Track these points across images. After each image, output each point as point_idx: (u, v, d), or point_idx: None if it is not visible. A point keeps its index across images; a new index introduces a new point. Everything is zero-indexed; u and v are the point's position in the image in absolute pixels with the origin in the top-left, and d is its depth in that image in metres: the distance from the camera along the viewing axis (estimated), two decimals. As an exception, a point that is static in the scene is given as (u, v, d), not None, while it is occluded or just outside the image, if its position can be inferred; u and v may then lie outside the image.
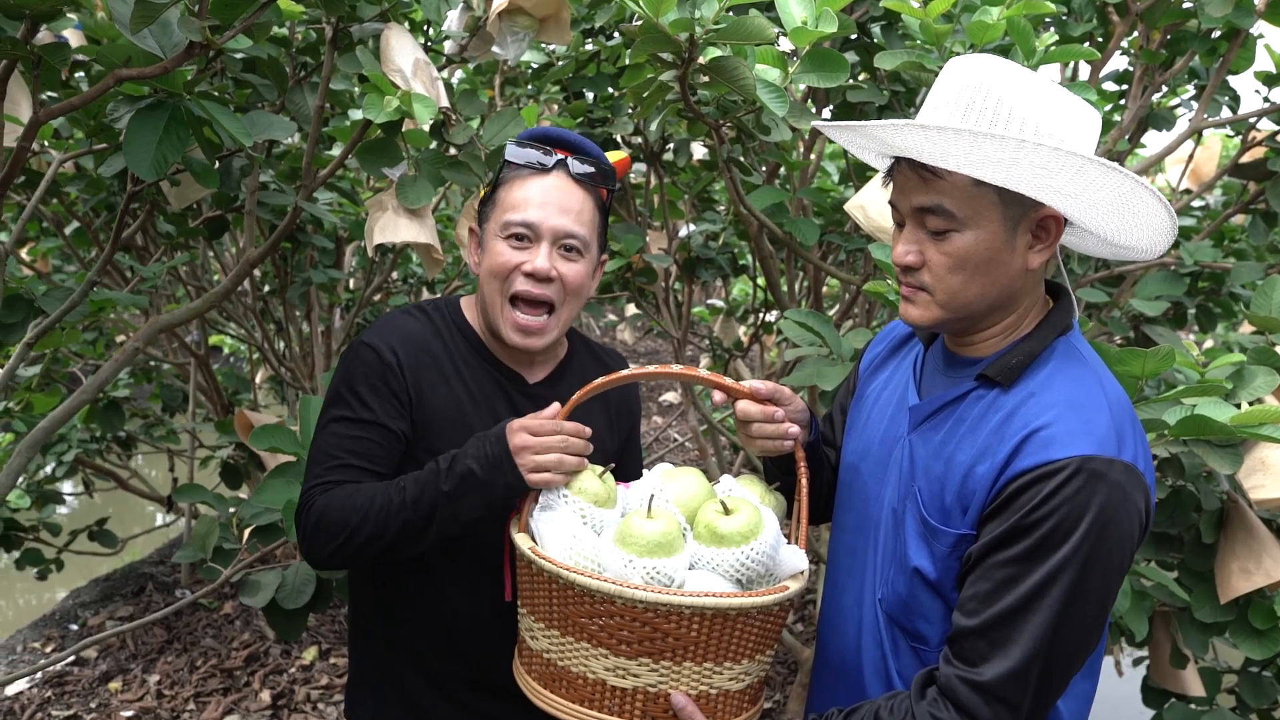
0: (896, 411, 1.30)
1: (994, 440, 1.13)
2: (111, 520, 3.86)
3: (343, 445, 1.39)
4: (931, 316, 1.19)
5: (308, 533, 1.36)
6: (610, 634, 1.16)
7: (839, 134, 1.24)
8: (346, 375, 1.42)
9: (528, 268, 1.39)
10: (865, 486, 1.32)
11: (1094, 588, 1.08)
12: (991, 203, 1.13)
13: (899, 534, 1.24)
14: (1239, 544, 2.09)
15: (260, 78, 2.13)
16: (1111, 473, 1.07)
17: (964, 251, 1.13)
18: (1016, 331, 1.21)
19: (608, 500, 1.30)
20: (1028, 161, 1.06)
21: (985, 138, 1.04)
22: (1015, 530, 1.08)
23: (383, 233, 1.94)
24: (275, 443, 1.67)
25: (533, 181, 1.41)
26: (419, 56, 1.93)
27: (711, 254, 3.57)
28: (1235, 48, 2.17)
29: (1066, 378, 1.15)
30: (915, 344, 1.37)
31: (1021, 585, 1.08)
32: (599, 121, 2.77)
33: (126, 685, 3.40)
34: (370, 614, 1.52)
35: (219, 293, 2.07)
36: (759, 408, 1.29)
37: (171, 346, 4.16)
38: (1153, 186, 1.09)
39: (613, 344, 9.41)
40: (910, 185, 1.16)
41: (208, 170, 1.71)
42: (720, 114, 1.88)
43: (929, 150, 1.10)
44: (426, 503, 1.30)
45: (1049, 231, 1.17)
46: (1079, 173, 1.08)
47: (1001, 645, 1.08)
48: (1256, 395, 1.80)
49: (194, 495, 2.05)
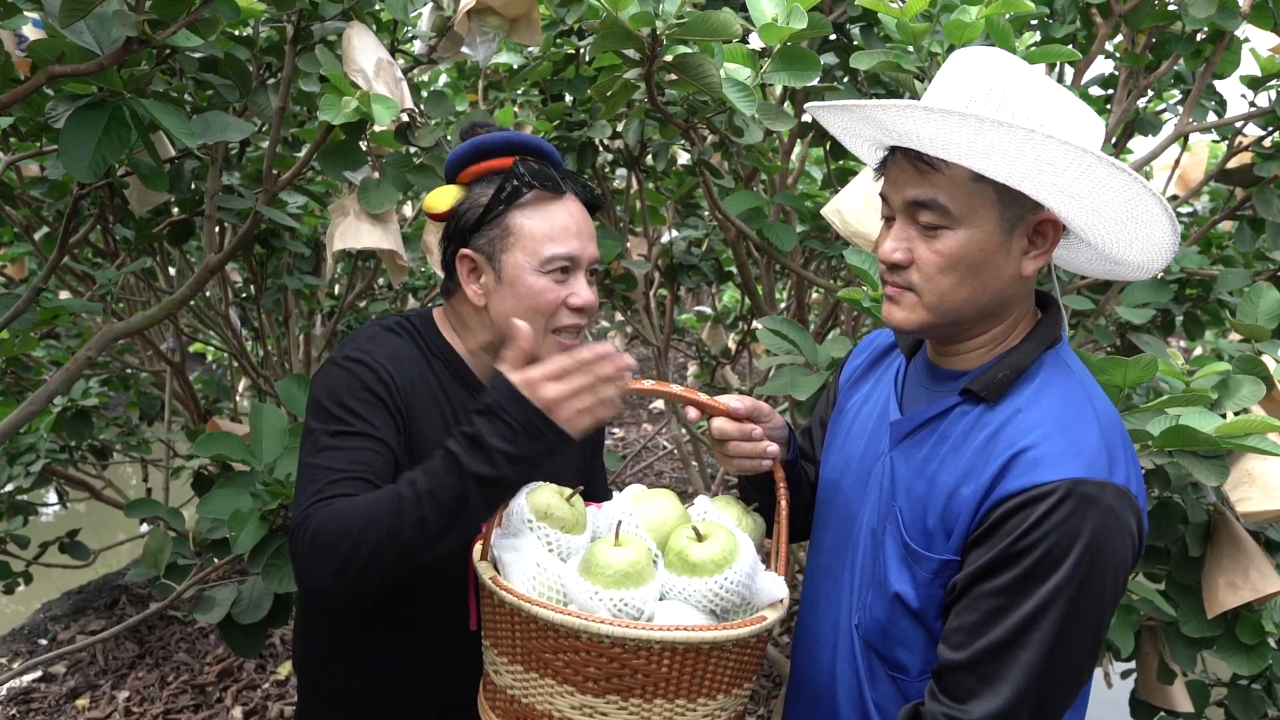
0: (878, 427, 1.24)
1: (979, 460, 1.08)
2: (91, 531, 3.78)
3: (340, 458, 1.23)
4: (916, 319, 1.12)
5: (304, 554, 1.15)
6: (576, 670, 1.09)
7: (832, 118, 1.17)
8: (333, 390, 1.28)
9: (576, 302, 1.33)
10: (845, 505, 1.26)
11: (1087, 619, 1.02)
12: (989, 201, 1.07)
13: (878, 556, 1.18)
14: (1226, 558, 2.04)
15: (221, 78, 2.08)
16: (1103, 496, 1.01)
17: (956, 251, 1.07)
18: (1004, 343, 1.15)
19: (576, 525, 1.23)
20: (1034, 155, 1.00)
21: (992, 125, 0.98)
22: (1002, 558, 1.02)
23: (343, 239, 1.88)
24: (221, 450, 1.60)
25: (556, 207, 1.34)
26: (382, 56, 1.88)
27: (695, 260, 3.52)
28: (1220, 50, 2.12)
29: (1055, 393, 1.09)
30: (897, 356, 1.31)
31: (1010, 617, 1.02)
32: (577, 125, 2.71)
33: (94, 702, 3.32)
34: (327, 637, 1.44)
35: (176, 300, 2.01)
36: (736, 425, 1.23)
37: (146, 354, 4.10)
38: (1161, 195, 1.03)
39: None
40: (904, 177, 1.09)
41: (156, 173, 1.64)
42: (689, 114, 1.83)
43: (929, 137, 1.03)
44: (448, 494, 1.13)
45: (1045, 237, 1.11)
46: (1086, 172, 1.01)
47: (990, 681, 1.02)
48: (1242, 405, 1.75)
49: (148, 510, 1.98)
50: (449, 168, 1.40)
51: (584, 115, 2.71)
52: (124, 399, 4.28)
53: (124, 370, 4.21)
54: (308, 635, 1.47)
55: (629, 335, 5.22)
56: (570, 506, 1.22)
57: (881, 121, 1.07)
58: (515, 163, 1.33)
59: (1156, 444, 1.65)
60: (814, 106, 1.15)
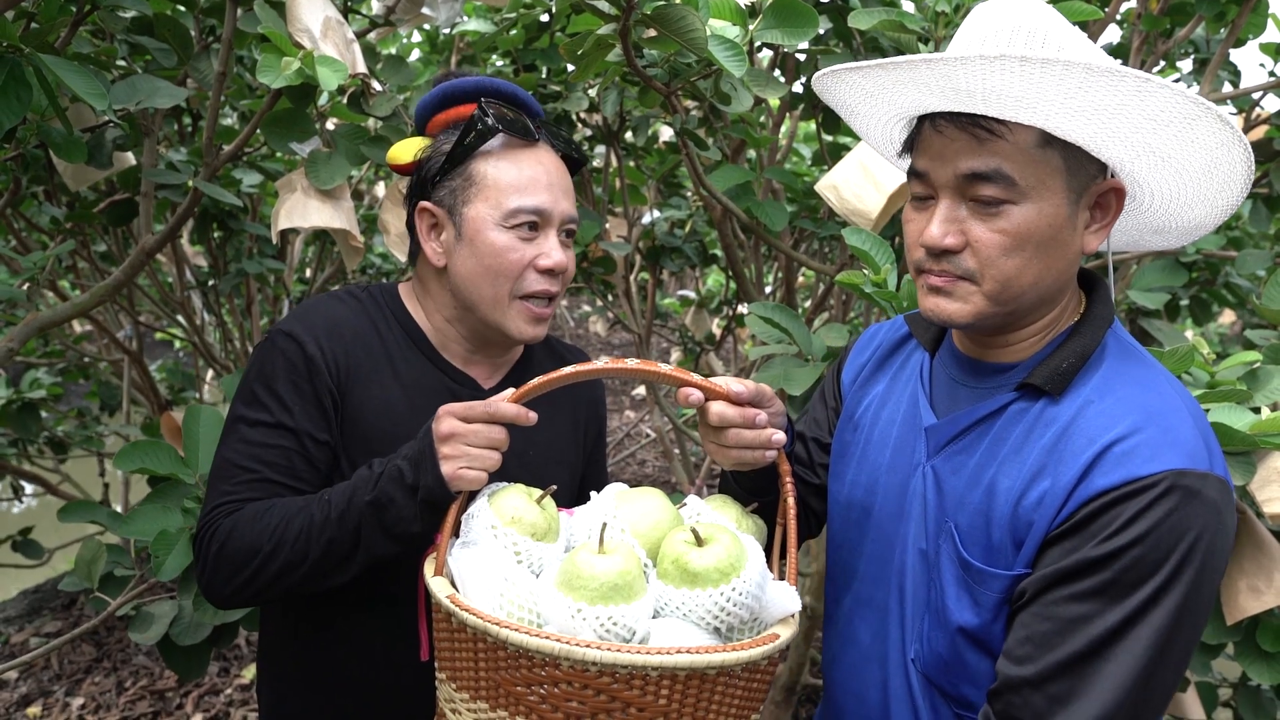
0: (905, 433, 1.11)
1: (1050, 460, 0.95)
2: (51, 528, 3.58)
3: (255, 455, 1.16)
4: (972, 311, 0.98)
5: (209, 564, 1.13)
6: (555, 706, 0.91)
7: (850, 88, 1.02)
8: (261, 370, 1.18)
9: (545, 263, 1.19)
10: (879, 526, 1.11)
11: (1188, 629, 0.90)
12: (1057, 169, 0.94)
13: (932, 580, 1.04)
14: (1247, 560, 1.91)
15: (158, 41, 1.88)
16: (1207, 490, 0.89)
17: (1024, 228, 0.94)
18: (1055, 328, 1.03)
19: (548, 532, 1.05)
20: (1139, 110, 0.87)
21: (1104, 75, 0.83)
22: (1090, 561, 0.89)
23: (289, 217, 1.70)
24: (145, 464, 1.42)
25: (525, 156, 1.20)
26: (330, 15, 1.69)
27: (677, 242, 3.36)
28: (1246, 12, 1.97)
29: (1129, 380, 0.97)
30: (913, 351, 1.18)
31: (1096, 625, 0.89)
32: (552, 97, 2.53)
33: (47, 710, 3.15)
34: (282, 652, 1.30)
35: (109, 285, 1.82)
36: (737, 411, 1.06)
37: (103, 342, 3.90)
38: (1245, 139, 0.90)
39: (585, 336, 9.18)
40: (955, 147, 0.95)
41: (71, 142, 1.46)
42: (670, 77, 1.66)
43: (1016, 94, 0.88)
44: (354, 517, 1.08)
45: (1107, 208, 0.99)
46: (1188, 127, 0.88)
47: (1065, 700, 0.89)
48: (1275, 399, 1.60)
49: (83, 513, 1.80)
50: (418, 117, 1.29)
51: (559, 87, 2.54)
52: (83, 389, 4.08)
53: (81, 359, 4.02)
54: (264, 626, 1.35)
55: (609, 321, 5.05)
56: (541, 510, 1.05)
57: (928, 81, 0.92)
58: (480, 104, 1.20)
59: (1184, 442, 1.51)
60: (842, 68, 0.98)
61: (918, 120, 1.01)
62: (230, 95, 2.46)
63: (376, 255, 4.13)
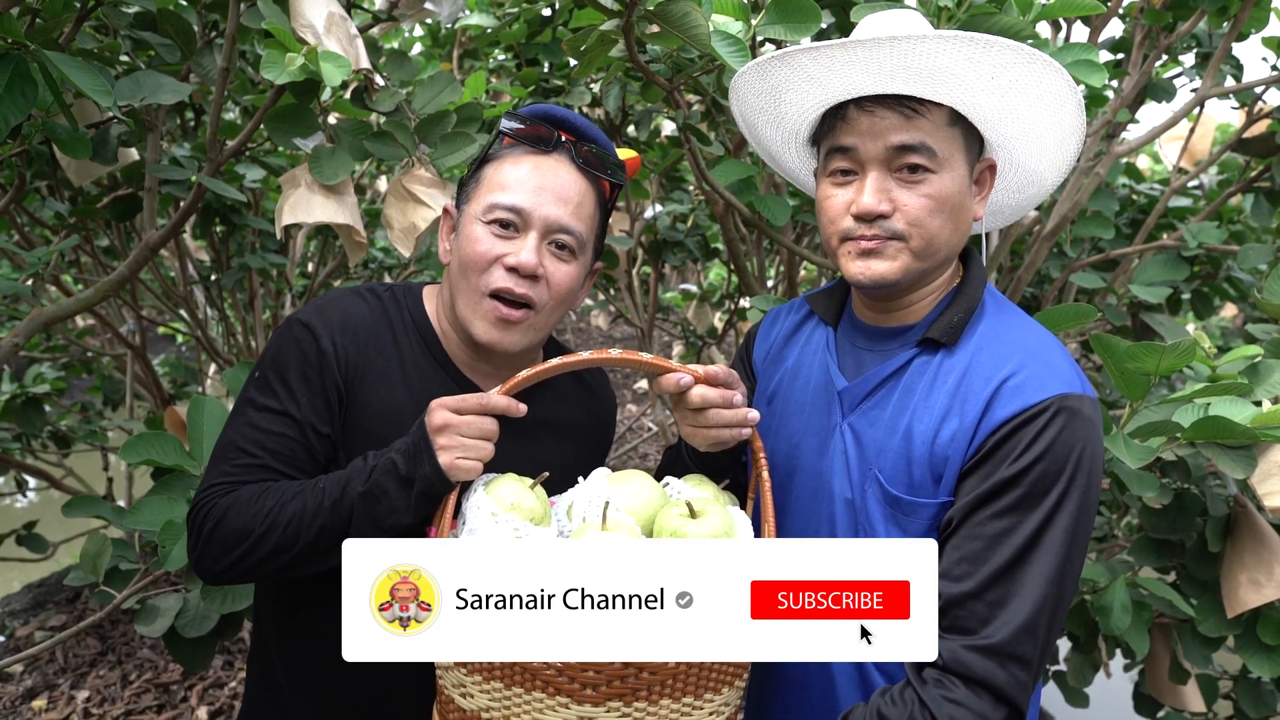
0: (819, 399, 1.24)
1: (954, 401, 1.10)
2: (56, 522, 3.59)
3: (258, 440, 1.18)
4: (900, 267, 1.12)
5: (201, 541, 1.15)
6: (572, 677, 0.98)
7: (766, 78, 1.15)
8: (275, 357, 1.20)
9: (511, 260, 1.18)
10: (803, 485, 1.24)
11: (1085, 523, 1.06)
12: (959, 145, 1.12)
13: (860, 524, 1.17)
14: (1248, 553, 1.92)
15: (161, 37, 1.89)
16: (1084, 408, 1.06)
17: (942, 194, 1.10)
18: (943, 291, 1.19)
19: (544, 517, 1.10)
20: (1035, 90, 1.07)
21: (1011, 51, 1.03)
22: (1004, 481, 1.04)
23: (293, 212, 1.71)
24: (150, 455, 1.43)
25: (528, 161, 1.21)
26: (334, 10, 1.69)
27: (679, 237, 3.36)
28: (1248, 6, 1.96)
29: (1009, 327, 1.14)
30: (815, 326, 1.31)
31: (1016, 535, 1.03)
32: (554, 91, 2.54)
33: (52, 703, 3.16)
34: (271, 643, 1.31)
35: (113, 281, 1.83)
36: (718, 392, 1.15)
37: (105, 337, 3.91)
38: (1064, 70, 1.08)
39: (587, 329, 9.18)
40: (884, 124, 1.09)
41: (76, 138, 1.46)
42: (673, 73, 1.66)
43: (945, 67, 1.04)
44: (346, 507, 1.10)
45: (984, 183, 1.17)
46: (1060, 104, 1.09)
47: (1003, 603, 1.02)
48: (1275, 392, 1.60)
49: (87, 508, 1.81)
50: None
51: (561, 81, 2.54)
52: (86, 384, 4.08)
53: (84, 354, 4.03)
54: (258, 613, 1.36)
55: (612, 315, 5.06)
56: (536, 497, 1.10)
57: (876, 60, 1.05)
58: (504, 114, 1.24)
59: (1186, 436, 1.51)
60: (796, 50, 1.10)
61: (838, 107, 1.13)
62: (233, 90, 2.47)
63: (379, 250, 4.13)
